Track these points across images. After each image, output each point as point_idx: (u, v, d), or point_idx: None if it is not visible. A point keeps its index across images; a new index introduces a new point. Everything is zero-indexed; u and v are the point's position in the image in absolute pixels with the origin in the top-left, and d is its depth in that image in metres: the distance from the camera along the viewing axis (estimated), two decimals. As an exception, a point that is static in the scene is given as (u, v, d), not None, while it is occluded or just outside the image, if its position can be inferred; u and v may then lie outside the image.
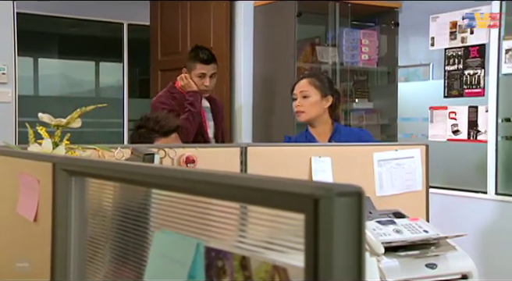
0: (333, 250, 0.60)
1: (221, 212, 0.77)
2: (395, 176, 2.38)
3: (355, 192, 0.62)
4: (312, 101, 2.72)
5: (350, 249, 0.61)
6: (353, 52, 4.28)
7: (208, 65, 3.37)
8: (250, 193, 0.68)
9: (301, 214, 0.63)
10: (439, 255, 1.97)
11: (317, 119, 2.74)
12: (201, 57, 3.38)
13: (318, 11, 4.16)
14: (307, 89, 2.73)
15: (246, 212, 0.74)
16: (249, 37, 4.24)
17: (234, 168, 2.09)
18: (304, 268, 0.62)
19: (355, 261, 0.61)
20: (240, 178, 0.70)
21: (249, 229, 0.74)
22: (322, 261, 0.60)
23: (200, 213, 0.80)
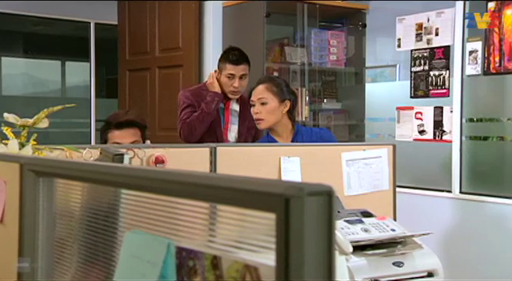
0: (304, 249, 0.61)
1: (192, 212, 0.77)
2: (363, 176, 2.41)
3: (325, 191, 0.63)
4: (270, 108, 2.70)
5: (320, 248, 0.62)
6: (321, 53, 4.31)
7: (237, 66, 3.26)
8: (221, 192, 0.68)
9: (272, 213, 0.63)
10: (405, 253, 2.00)
11: (276, 125, 2.73)
12: (231, 58, 3.29)
13: (287, 11, 4.18)
14: (264, 95, 2.70)
15: (217, 212, 0.74)
16: (218, 37, 4.24)
17: (203, 168, 2.08)
18: (275, 267, 0.63)
19: (326, 259, 0.62)
20: (211, 178, 0.70)
21: (220, 229, 0.74)
22: (293, 260, 0.61)
23: (170, 213, 0.80)
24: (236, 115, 3.38)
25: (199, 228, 0.76)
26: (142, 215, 0.89)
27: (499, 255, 3.52)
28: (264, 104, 2.70)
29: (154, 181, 0.78)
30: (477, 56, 3.70)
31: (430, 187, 3.96)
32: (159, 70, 4.46)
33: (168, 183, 0.74)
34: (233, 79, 3.24)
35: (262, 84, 2.76)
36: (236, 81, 3.24)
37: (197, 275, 0.75)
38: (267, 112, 2.70)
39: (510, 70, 3.57)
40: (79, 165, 1.09)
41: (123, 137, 2.46)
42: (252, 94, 2.77)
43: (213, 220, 0.74)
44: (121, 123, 2.46)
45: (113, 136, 2.47)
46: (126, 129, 2.48)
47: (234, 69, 3.24)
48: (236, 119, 3.37)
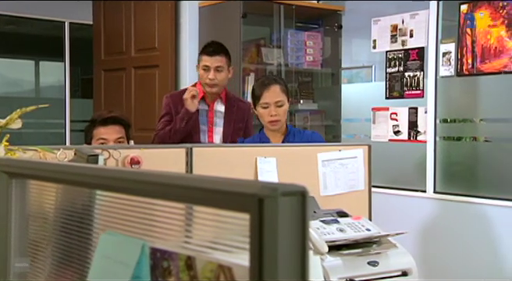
0: (278, 249, 0.61)
1: (166, 213, 0.77)
2: (338, 176, 2.43)
3: (299, 191, 0.64)
4: (285, 109, 2.73)
5: (294, 248, 0.63)
6: (297, 54, 4.33)
7: (211, 57, 3.12)
8: (196, 193, 0.68)
9: (246, 213, 0.63)
10: (380, 253, 2.02)
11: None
12: (206, 49, 3.18)
13: (263, 12, 4.19)
14: (282, 98, 2.69)
15: (191, 212, 0.74)
16: (194, 37, 4.23)
17: (179, 169, 2.08)
18: (249, 268, 0.63)
19: (299, 259, 0.63)
20: (185, 178, 0.70)
21: (195, 230, 0.74)
22: (267, 260, 0.61)
23: (145, 214, 0.80)
24: (222, 116, 3.23)
25: (173, 229, 0.76)
26: (117, 216, 0.89)
27: (473, 254, 3.58)
28: (280, 107, 2.70)
29: (127, 182, 0.77)
30: (450, 58, 3.75)
31: (405, 187, 4.00)
32: (135, 70, 4.43)
33: (141, 183, 0.74)
34: (208, 71, 3.11)
35: (274, 85, 2.71)
36: (211, 73, 3.10)
37: (172, 275, 0.75)
38: (283, 113, 2.72)
39: (482, 72, 3.62)
40: (52, 166, 1.07)
41: (109, 134, 2.51)
42: (264, 96, 2.69)
43: (187, 221, 0.74)
44: (106, 120, 2.51)
45: (98, 132, 2.51)
46: (111, 126, 2.53)
47: (209, 60, 3.12)
48: (221, 121, 3.23)
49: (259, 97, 2.72)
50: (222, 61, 3.15)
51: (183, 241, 0.75)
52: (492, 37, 3.55)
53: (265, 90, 2.71)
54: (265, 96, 2.70)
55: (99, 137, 2.51)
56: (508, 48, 3.46)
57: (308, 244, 0.64)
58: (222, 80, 3.16)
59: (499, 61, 3.50)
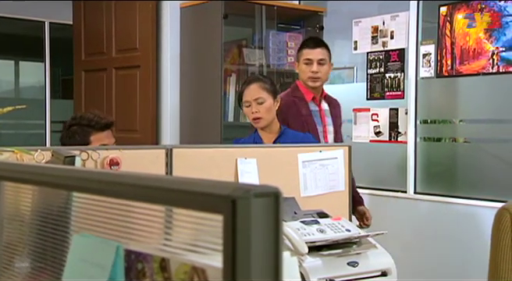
0: (251, 250, 0.61)
1: (141, 214, 0.77)
2: (319, 177, 2.44)
3: (272, 193, 0.64)
4: (268, 106, 2.72)
5: (267, 249, 0.63)
6: (279, 55, 4.33)
7: (313, 49, 3.03)
8: (169, 194, 0.68)
9: (219, 215, 0.63)
10: (360, 253, 2.03)
11: (271, 123, 2.76)
12: (307, 43, 3.11)
13: (245, 13, 4.19)
14: (261, 95, 2.71)
15: (165, 214, 0.73)
16: (175, 38, 4.21)
17: (159, 170, 2.07)
18: (222, 269, 0.63)
19: (272, 260, 0.63)
20: (158, 179, 0.70)
21: (169, 231, 0.74)
22: (240, 262, 0.61)
23: (119, 216, 0.79)
24: (329, 114, 3.15)
25: (148, 230, 0.76)
26: (92, 218, 0.88)
27: (453, 254, 3.61)
28: (261, 104, 2.70)
29: (101, 183, 0.77)
30: (430, 59, 3.78)
31: (386, 188, 4.03)
32: (116, 71, 4.40)
33: (115, 185, 0.74)
34: (311, 64, 2.99)
35: (254, 83, 2.75)
36: (314, 65, 2.99)
37: (146, 277, 0.74)
38: (265, 110, 2.71)
39: (461, 73, 3.66)
40: (27, 168, 1.06)
41: (108, 138, 2.58)
42: (244, 94, 2.74)
43: (162, 222, 0.74)
44: (105, 125, 2.56)
45: (99, 138, 2.53)
46: (108, 131, 2.59)
47: (311, 52, 3.02)
48: (330, 119, 3.14)
49: (241, 97, 2.76)
50: (324, 54, 3.06)
51: (158, 243, 0.75)
52: (470, 38, 3.59)
53: (246, 88, 2.75)
54: (245, 94, 2.74)
55: (101, 144, 2.51)
56: (486, 50, 3.50)
57: (282, 245, 0.64)
58: (325, 74, 3.06)
59: (477, 62, 3.54)
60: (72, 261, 0.86)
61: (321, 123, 3.08)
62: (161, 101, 4.24)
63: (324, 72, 3.03)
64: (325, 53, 3.06)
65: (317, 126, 3.05)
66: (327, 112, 3.13)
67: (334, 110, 3.16)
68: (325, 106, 3.14)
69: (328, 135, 3.10)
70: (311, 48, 3.04)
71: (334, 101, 3.23)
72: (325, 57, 3.05)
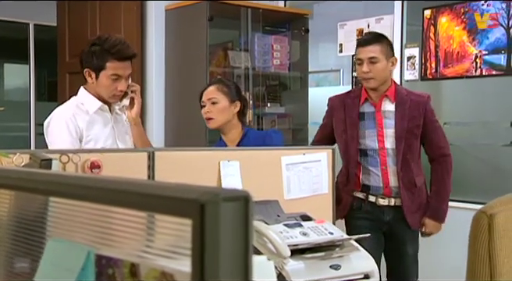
0: (219, 255, 0.61)
1: (112, 219, 0.76)
2: (302, 180, 2.43)
3: (242, 197, 0.63)
4: (220, 107, 2.73)
5: (236, 253, 0.62)
6: (264, 57, 4.33)
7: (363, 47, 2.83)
8: (138, 198, 0.67)
9: (188, 219, 0.63)
10: (343, 256, 2.03)
11: (226, 125, 2.75)
12: (358, 40, 2.95)
13: (230, 16, 4.18)
14: (215, 95, 2.74)
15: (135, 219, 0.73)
16: (160, 40, 4.20)
17: (141, 173, 2.05)
18: (191, 274, 0.62)
19: (242, 265, 0.62)
20: (127, 183, 0.69)
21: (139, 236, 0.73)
22: (208, 266, 0.61)
23: (90, 220, 0.78)
24: (392, 116, 2.85)
25: (118, 235, 0.75)
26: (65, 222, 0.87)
27: (435, 255, 3.62)
28: (214, 104, 2.72)
29: (72, 187, 0.76)
30: (415, 62, 3.80)
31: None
32: (100, 73, 4.37)
33: (85, 188, 0.73)
34: (362, 64, 2.82)
35: (213, 85, 2.79)
36: (365, 65, 2.79)
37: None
38: (217, 111, 2.72)
39: (445, 76, 3.68)
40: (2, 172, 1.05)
41: (124, 70, 2.50)
42: (203, 95, 2.78)
43: (132, 227, 0.73)
44: (125, 57, 2.48)
45: (114, 66, 2.48)
46: (126, 62, 2.50)
47: (362, 51, 2.83)
48: (391, 122, 2.85)
49: (200, 98, 2.80)
50: (375, 51, 2.81)
51: (128, 248, 0.74)
52: (454, 41, 3.61)
53: (204, 90, 2.80)
54: (203, 95, 2.78)
55: (114, 73, 2.48)
56: (470, 53, 3.52)
57: (251, 249, 0.63)
58: (379, 73, 2.80)
59: (461, 65, 3.56)
60: (44, 265, 0.85)
61: (375, 126, 2.85)
62: (146, 103, 4.22)
63: (377, 70, 2.79)
64: (376, 50, 2.80)
65: (365, 129, 2.86)
66: (388, 114, 2.85)
67: (405, 112, 2.83)
68: (387, 107, 2.86)
69: (386, 139, 2.84)
70: (361, 46, 2.85)
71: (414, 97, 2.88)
72: (376, 55, 2.79)
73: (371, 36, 2.90)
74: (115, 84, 2.53)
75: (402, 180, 2.80)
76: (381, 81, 2.81)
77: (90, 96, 2.62)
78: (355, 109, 2.88)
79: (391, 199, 2.83)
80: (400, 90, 2.90)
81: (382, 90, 2.84)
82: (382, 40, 2.84)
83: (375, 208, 2.84)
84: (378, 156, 2.83)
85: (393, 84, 2.89)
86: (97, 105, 2.59)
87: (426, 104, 2.85)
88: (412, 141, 2.83)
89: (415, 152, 2.86)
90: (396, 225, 2.85)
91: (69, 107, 2.64)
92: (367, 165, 2.84)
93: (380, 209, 2.84)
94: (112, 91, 2.55)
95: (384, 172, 2.82)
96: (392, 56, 2.85)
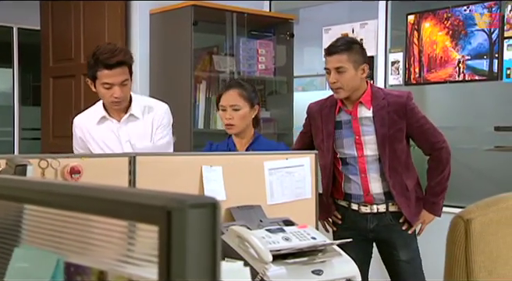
0: (186, 262, 0.60)
1: (81, 226, 0.74)
2: (285, 185, 2.42)
3: (209, 203, 0.62)
4: (242, 114, 2.68)
5: (203, 260, 0.61)
6: (249, 62, 4.33)
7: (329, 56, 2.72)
8: (106, 205, 0.66)
9: (155, 226, 0.62)
10: (325, 261, 2.02)
11: (245, 130, 2.73)
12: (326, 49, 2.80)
13: (215, 20, 4.18)
14: (237, 102, 2.67)
15: (104, 225, 0.71)
16: (145, 44, 4.18)
17: (122, 178, 2.03)
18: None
19: (209, 272, 0.61)
20: (94, 190, 0.68)
21: (108, 243, 0.72)
22: (174, 274, 0.60)
23: (58, 226, 0.77)
24: (370, 122, 2.74)
25: (88, 242, 0.74)
26: (34, 230, 0.85)
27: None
28: (236, 111, 2.67)
29: (39, 194, 0.74)
30: (399, 67, 3.81)
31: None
32: (85, 77, 4.33)
33: (51, 195, 0.72)
34: (329, 73, 2.72)
35: (233, 89, 2.71)
36: (332, 75, 2.69)
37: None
38: (239, 117, 2.67)
39: (429, 81, 3.70)
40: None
41: (114, 77, 2.54)
42: (222, 99, 2.71)
43: (101, 234, 0.72)
44: (111, 65, 2.51)
45: (103, 75, 2.53)
46: (116, 69, 2.53)
47: (328, 61, 2.72)
48: (370, 128, 2.74)
49: (219, 99, 2.74)
50: (342, 60, 2.67)
51: (96, 255, 0.73)
52: (437, 47, 3.63)
53: (224, 92, 2.73)
54: (223, 98, 2.71)
55: (104, 81, 2.54)
56: (453, 58, 3.54)
57: (219, 256, 0.63)
58: (347, 82, 2.67)
59: (444, 70, 3.58)
60: (10, 273, 0.83)
61: (352, 134, 2.76)
62: (131, 108, 4.19)
63: (344, 80, 2.66)
64: (343, 59, 2.66)
65: (343, 138, 2.78)
66: (365, 121, 2.74)
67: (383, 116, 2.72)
68: (364, 113, 2.75)
69: (365, 146, 2.74)
70: (327, 55, 2.73)
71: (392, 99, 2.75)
72: (342, 64, 2.66)
73: (339, 43, 2.74)
74: (110, 92, 2.58)
75: (393, 187, 2.74)
76: (350, 90, 2.70)
77: (98, 105, 2.76)
78: (331, 120, 2.81)
79: (373, 206, 2.78)
80: (376, 94, 2.76)
81: (355, 98, 2.74)
82: (350, 48, 2.69)
83: (357, 216, 2.80)
84: (357, 164, 2.77)
85: (369, 89, 2.76)
86: (100, 115, 2.72)
87: (405, 105, 2.73)
88: (396, 146, 2.74)
89: (401, 155, 2.78)
90: (384, 230, 2.79)
91: (85, 113, 2.84)
92: (347, 173, 2.80)
93: (363, 217, 2.79)
94: (108, 99, 2.62)
95: (364, 179, 2.76)
96: (363, 63, 2.71)
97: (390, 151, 2.73)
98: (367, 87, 2.77)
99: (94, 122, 2.72)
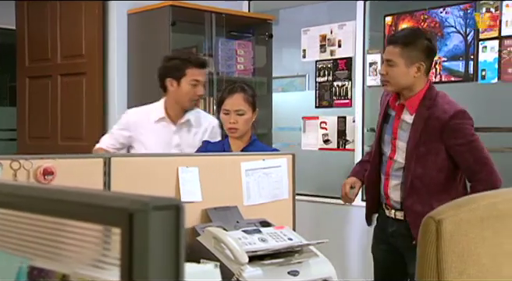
0: (149, 264, 0.59)
1: (44, 228, 0.73)
2: (262, 185, 2.42)
3: (173, 205, 0.61)
4: (247, 119, 2.69)
5: (167, 263, 0.60)
6: (228, 62, 4.32)
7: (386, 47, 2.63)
8: (68, 207, 0.65)
9: (118, 228, 0.61)
10: (301, 262, 2.02)
11: (245, 134, 2.73)
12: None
13: (194, 20, 4.16)
14: (242, 107, 2.67)
15: (68, 228, 0.70)
16: (123, 44, 4.15)
17: (97, 179, 2.01)
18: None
19: (172, 274, 0.60)
20: (56, 191, 0.67)
21: (70, 246, 0.71)
22: (137, 276, 0.59)
23: (22, 229, 0.76)
24: (408, 128, 2.56)
25: (50, 245, 0.72)
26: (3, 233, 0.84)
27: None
28: (241, 115, 2.67)
29: (3, 196, 0.73)
30: (376, 68, 3.83)
31: (334, 195, 4.04)
32: (61, 78, 4.30)
33: (14, 197, 0.70)
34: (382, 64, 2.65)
35: (238, 94, 2.70)
36: (383, 66, 2.61)
37: (47, 295, 0.71)
38: (243, 122, 2.68)
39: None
40: None
41: (202, 76, 2.90)
42: (226, 102, 2.69)
43: (64, 237, 0.71)
44: (201, 63, 2.90)
45: (193, 73, 2.86)
46: (203, 69, 2.91)
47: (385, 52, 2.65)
48: (406, 135, 2.56)
49: (222, 103, 2.73)
50: (393, 53, 2.52)
51: (59, 258, 0.71)
52: (414, 48, 3.64)
53: (229, 96, 2.71)
54: (227, 102, 2.70)
55: (194, 78, 2.86)
56: (430, 59, 3.56)
57: (183, 258, 0.62)
58: (394, 77, 2.53)
59: (421, 71, 3.59)
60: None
61: (391, 133, 2.63)
62: (109, 108, 4.16)
63: (392, 74, 2.52)
64: (395, 52, 2.50)
65: (385, 134, 2.67)
66: (404, 125, 2.58)
67: (418, 128, 2.51)
68: (405, 117, 2.58)
69: (397, 151, 2.60)
70: (386, 45, 2.60)
71: (436, 113, 2.49)
72: (392, 58, 2.51)
73: (399, 34, 2.61)
74: (195, 89, 2.88)
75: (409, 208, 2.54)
76: (397, 86, 2.54)
77: (159, 105, 2.98)
78: (384, 110, 2.70)
79: (391, 211, 2.64)
80: (426, 100, 2.53)
81: (406, 97, 2.56)
82: (407, 43, 2.50)
83: (383, 217, 2.72)
84: (386, 164, 2.66)
85: (423, 92, 2.54)
86: (160, 115, 2.94)
87: (445, 124, 2.46)
88: (426, 167, 2.50)
89: (431, 183, 2.51)
90: (399, 239, 2.64)
91: (144, 109, 3.04)
92: (381, 170, 2.69)
93: (387, 219, 2.68)
94: (192, 96, 2.90)
95: (385, 183, 2.65)
96: (420, 60, 2.50)
97: (417, 167, 2.52)
98: (422, 88, 2.56)
99: (151, 120, 2.92)
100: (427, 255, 1.09)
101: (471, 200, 1.18)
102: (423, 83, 2.55)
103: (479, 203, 1.15)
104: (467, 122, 2.49)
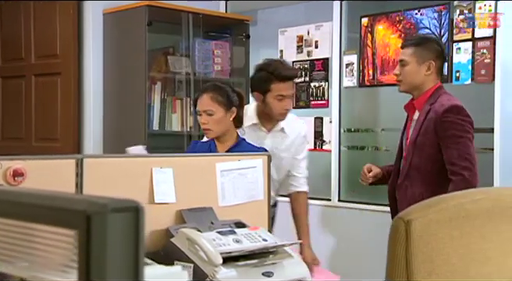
0: (106, 267, 0.58)
1: (4, 231, 0.71)
2: (237, 186, 2.41)
3: (132, 207, 0.60)
4: (217, 119, 2.65)
5: (126, 266, 0.59)
6: (205, 63, 4.30)
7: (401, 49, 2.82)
8: (25, 209, 0.64)
9: (75, 231, 0.59)
10: (276, 263, 2.01)
11: (225, 134, 2.70)
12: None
13: (171, 20, 4.14)
14: (210, 107, 2.64)
15: (26, 230, 0.69)
16: (98, 44, 4.11)
17: (69, 181, 1.98)
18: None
19: (131, 277, 0.59)
20: (12, 193, 0.65)
21: (28, 249, 0.69)
22: (95, 278, 0.58)
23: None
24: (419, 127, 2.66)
25: (7, 248, 0.71)
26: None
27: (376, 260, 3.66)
28: (210, 115, 2.64)
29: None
30: (353, 69, 3.85)
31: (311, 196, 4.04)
32: (35, 78, 4.25)
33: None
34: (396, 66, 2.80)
35: (207, 94, 2.67)
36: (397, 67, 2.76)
37: (6, 299, 0.69)
38: (214, 122, 2.65)
39: (382, 83, 3.74)
40: None
41: (287, 90, 2.82)
42: (197, 103, 2.69)
43: (22, 239, 0.69)
44: (286, 77, 2.79)
45: (278, 88, 2.79)
46: (289, 82, 2.82)
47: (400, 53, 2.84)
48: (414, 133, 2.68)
49: (195, 104, 2.74)
50: (406, 53, 2.68)
51: (17, 261, 0.70)
52: (390, 49, 3.67)
53: (199, 97, 2.71)
54: (198, 103, 2.70)
55: (279, 94, 2.79)
56: (405, 61, 3.59)
57: (142, 261, 0.61)
58: (406, 76, 2.67)
59: (396, 72, 3.62)
60: None
61: (405, 134, 2.76)
62: (84, 109, 4.12)
63: (405, 72, 2.64)
64: (407, 53, 2.66)
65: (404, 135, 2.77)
66: (414, 123, 2.68)
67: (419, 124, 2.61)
68: (415, 117, 2.68)
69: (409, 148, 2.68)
70: (401, 47, 2.77)
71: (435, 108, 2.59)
72: (404, 57, 2.66)
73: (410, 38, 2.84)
74: (282, 104, 2.83)
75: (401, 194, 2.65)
76: (409, 84, 2.66)
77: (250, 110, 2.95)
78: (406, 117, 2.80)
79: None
80: (431, 98, 2.63)
81: (415, 98, 2.68)
82: (418, 43, 2.68)
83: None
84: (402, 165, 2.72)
85: (430, 91, 2.64)
86: (252, 120, 2.93)
87: (439, 117, 2.55)
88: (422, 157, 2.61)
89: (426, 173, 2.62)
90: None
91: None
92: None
93: None
94: (279, 110, 2.86)
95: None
96: (430, 59, 2.63)
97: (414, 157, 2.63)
98: (430, 88, 2.66)
99: (244, 125, 2.83)
100: (396, 256, 1.09)
101: (441, 201, 1.18)
102: (432, 83, 2.66)
103: (448, 203, 1.16)
104: (461, 118, 2.54)
